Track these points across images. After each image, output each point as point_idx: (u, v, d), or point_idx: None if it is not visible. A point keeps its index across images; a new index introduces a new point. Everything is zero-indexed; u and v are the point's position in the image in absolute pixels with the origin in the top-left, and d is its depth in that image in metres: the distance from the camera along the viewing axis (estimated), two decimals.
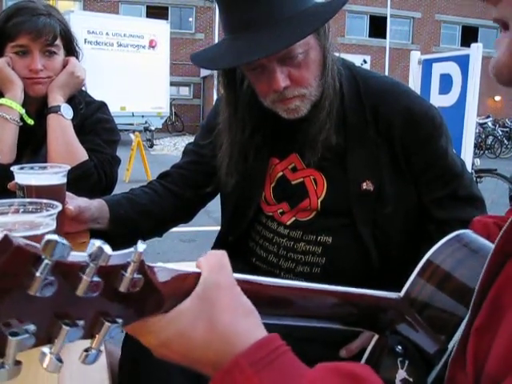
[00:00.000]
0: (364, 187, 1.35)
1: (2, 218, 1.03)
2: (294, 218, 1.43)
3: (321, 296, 0.87)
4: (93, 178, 1.83)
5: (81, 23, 13.36)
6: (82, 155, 1.82)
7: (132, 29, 15.12)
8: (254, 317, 0.67)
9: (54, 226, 1.05)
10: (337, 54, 1.40)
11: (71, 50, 1.95)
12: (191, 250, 5.36)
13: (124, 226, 1.55)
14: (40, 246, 0.49)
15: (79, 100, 1.95)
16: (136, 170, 9.39)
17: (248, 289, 0.69)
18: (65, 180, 1.38)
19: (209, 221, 5.46)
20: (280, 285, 0.81)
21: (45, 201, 1.10)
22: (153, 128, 15.23)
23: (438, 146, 1.37)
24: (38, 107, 1.93)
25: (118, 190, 1.83)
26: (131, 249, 0.57)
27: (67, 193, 1.41)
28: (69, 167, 1.39)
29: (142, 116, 14.77)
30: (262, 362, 0.61)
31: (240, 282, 0.69)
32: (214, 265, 0.67)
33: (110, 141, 1.97)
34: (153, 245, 3.48)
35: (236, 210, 1.54)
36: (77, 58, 1.98)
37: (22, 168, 1.38)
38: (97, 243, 0.53)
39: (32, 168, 1.40)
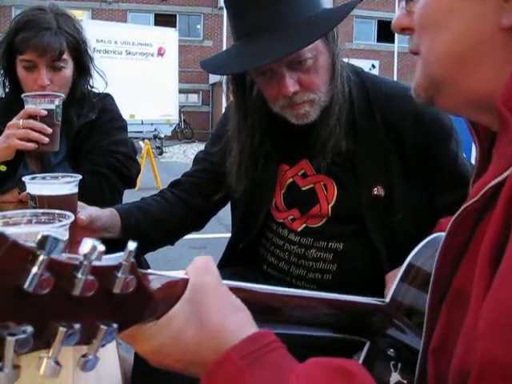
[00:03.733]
0: (375, 192, 1.35)
1: (14, 229, 1.03)
2: (304, 225, 1.43)
3: (309, 303, 0.87)
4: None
5: (89, 32, 13.13)
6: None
7: (140, 37, 15.15)
8: (244, 313, 0.69)
9: (67, 236, 1.05)
10: (345, 60, 1.40)
11: (81, 60, 1.96)
12: None
13: (135, 235, 1.54)
14: (35, 243, 0.49)
15: (90, 104, 2.00)
16: (146, 177, 9.38)
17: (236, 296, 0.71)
18: (76, 190, 1.38)
19: (219, 228, 5.45)
20: (268, 291, 0.82)
21: (57, 211, 1.10)
22: (162, 135, 15.26)
23: (449, 151, 1.37)
24: None
25: (129, 197, 1.84)
26: (121, 252, 0.57)
27: (78, 202, 1.42)
28: (80, 177, 1.40)
29: (152, 124, 14.77)
30: (253, 356, 0.62)
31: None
32: (200, 269, 0.69)
33: (121, 140, 2.02)
34: (163, 252, 3.48)
35: (246, 216, 1.54)
36: (88, 64, 2.01)
37: (33, 178, 1.38)
38: (90, 242, 0.53)
39: (44, 178, 1.41)
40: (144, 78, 14.53)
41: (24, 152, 1.94)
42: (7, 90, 1.99)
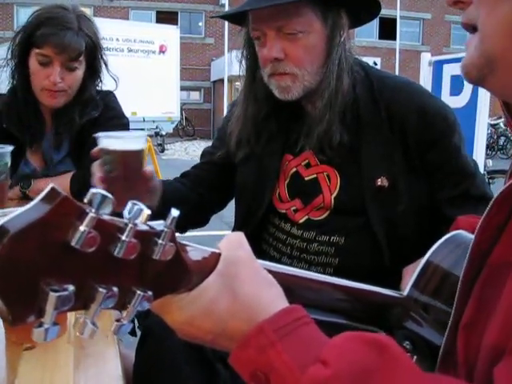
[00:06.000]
0: (379, 183, 1.35)
1: None
2: (306, 217, 1.43)
3: (325, 287, 0.88)
4: None
5: None
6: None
7: (142, 34, 15.17)
8: (276, 288, 0.70)
9: None
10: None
11: (93, 64, 1.99)
12: None
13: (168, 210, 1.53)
14: (86, 200, 0.50)
15: (94, 101, 2.01)
16: None
17: None
18: (146, 145, 1.37)
19: (222, 225, 5.45)
20: (284, 272, 0.82)
21: None
22: (164, 133, 15.29)
23: (452, 144, 1.37)
24: (52, 113, 2.00)
25: None
26: (159, 221, 0.58)
27: None
28: (146, 134, 1.40)
29: (153, 121, 14.80)
30: (286, 329, 0.63)
31: None
32: (233, 243, 0.70)
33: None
34: None
35: (249, 208, 1.54)
36: (100, 68, 2.03)
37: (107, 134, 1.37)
38: (136, 205, 0.53)
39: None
40: (146, 75, 14.54)
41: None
42: (15, 82, 1.98)
